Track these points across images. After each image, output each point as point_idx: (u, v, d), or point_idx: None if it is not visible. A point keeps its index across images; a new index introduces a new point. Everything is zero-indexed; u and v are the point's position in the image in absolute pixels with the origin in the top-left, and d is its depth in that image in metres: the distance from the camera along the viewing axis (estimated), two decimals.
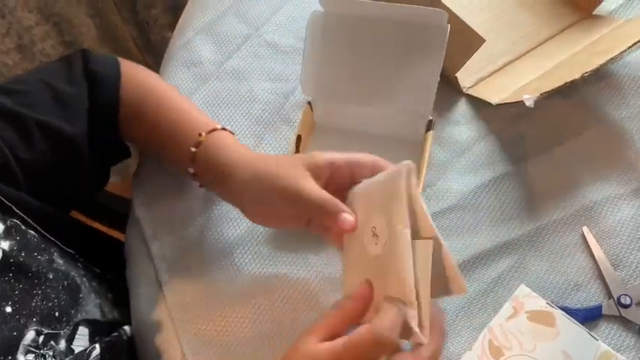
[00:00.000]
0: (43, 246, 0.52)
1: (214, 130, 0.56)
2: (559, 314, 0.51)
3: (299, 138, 0.64)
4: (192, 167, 0.56)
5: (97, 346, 0.54)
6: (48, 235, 0.54)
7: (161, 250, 0.62)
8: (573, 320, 0.51)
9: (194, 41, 0.76)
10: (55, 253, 0.54)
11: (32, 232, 0.52)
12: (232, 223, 0.63)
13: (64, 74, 0.58)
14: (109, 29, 1.23)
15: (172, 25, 0.82)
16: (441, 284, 0.43)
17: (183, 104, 0.61)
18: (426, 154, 0.61)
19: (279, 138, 0.68)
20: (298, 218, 0.50)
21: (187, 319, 0.58)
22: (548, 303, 0.52)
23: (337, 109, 0.66)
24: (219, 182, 0.55)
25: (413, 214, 0.43)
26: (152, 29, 1.29)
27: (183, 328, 0.57)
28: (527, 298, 0.52)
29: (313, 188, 0.48)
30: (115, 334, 0.58)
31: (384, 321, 0.40)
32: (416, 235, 0.43)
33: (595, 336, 0.50)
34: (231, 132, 0.59)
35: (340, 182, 0.50)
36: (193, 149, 0.55)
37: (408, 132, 0.65)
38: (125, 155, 0.65)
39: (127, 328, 0.60)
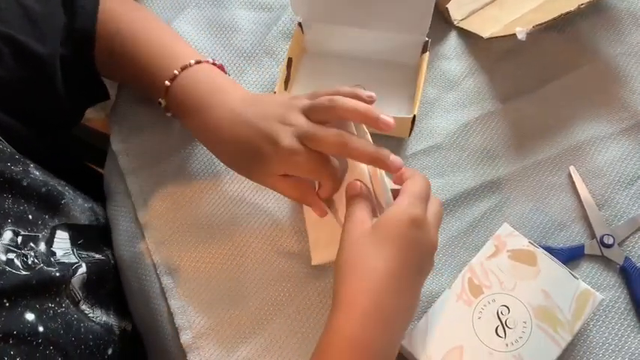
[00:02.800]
0: (17, 157, 0.52)
1: (198, 62, 0.55)
2: (541, 253, 0.51)
3: (289, 61, 0.62)
4: (164, 99, 0.56)
5: (84, 264, 0.54)
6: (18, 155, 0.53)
7: (138, 184, 0.61)
8: (555, 259, 0.50)
9: None
10: (32, 165, 0.54)
11: (6, 143, 0.52)
12: (212, 157, 0.61)
13: None
14: None
15: None
16: None
17: (164, 36, 0.59)
18: (422, 77, 0.59)
19: (262, 71, 0.65)
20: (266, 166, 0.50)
21: (165, 255, 0.57)
22: (530, 242, 0.51)
23: (330, 30, 0.64)
24: (191, 114, 0.54)
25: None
26: None
27: (161, 264, 0.57)
28: (509, 237, 0.52)
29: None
30: (102, 257, 0.58)
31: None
32: None
33: (575, 275, 0.49)
34: (217, 65, 0.57)
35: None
36: (167, 83, 0.55)
37: (402, 56, 0.63)
38: (103, 97, 0.64)
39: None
